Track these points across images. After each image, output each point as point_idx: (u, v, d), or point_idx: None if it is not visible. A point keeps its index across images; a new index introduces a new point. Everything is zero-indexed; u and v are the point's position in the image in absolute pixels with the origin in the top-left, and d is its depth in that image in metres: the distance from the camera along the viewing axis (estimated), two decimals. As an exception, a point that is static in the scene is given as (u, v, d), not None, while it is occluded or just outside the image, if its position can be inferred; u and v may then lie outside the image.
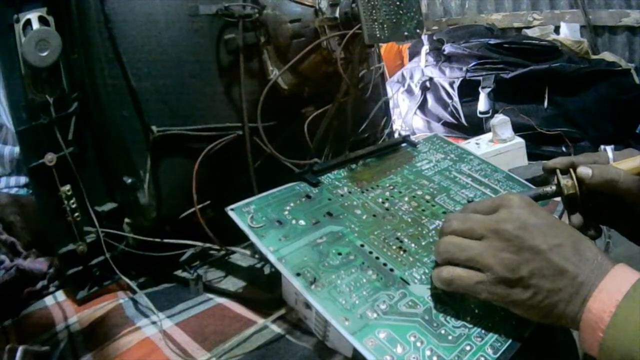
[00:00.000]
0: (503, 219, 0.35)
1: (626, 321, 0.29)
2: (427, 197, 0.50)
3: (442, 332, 0.35)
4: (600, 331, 0.30)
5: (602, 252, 0.34)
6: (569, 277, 0.32)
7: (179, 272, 0.55)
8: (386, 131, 0.80)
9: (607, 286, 0.31)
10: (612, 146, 0.44)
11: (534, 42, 1.17)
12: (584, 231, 0.41)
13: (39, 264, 0.55)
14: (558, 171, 0.42)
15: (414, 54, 1.34)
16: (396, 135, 0.91)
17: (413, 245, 0.43)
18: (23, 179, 0.79)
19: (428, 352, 0.33)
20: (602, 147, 0.44)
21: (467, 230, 0.36)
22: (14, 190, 0.77)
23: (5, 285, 0.51)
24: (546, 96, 1.01)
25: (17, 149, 0.78)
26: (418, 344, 0.33)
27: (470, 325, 0.36)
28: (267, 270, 0.51)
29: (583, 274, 0.32)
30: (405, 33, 0.50)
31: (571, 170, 0.41)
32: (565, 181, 0.41)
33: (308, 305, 0.39)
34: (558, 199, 0.43)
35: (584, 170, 0.39)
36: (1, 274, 0.51)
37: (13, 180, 0.79)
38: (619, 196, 0.39)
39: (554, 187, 0.42)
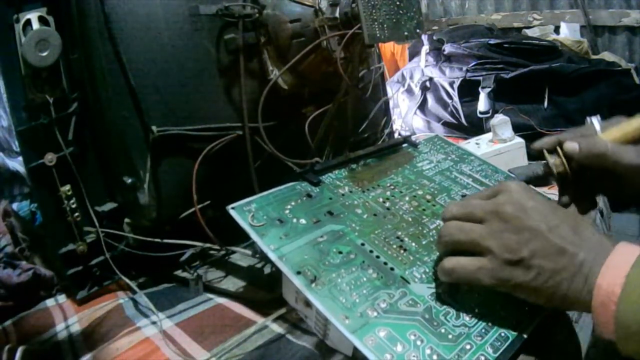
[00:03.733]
0: (502, 202, 0.35)
1: (638, 289, 0.29)
2: (428, 197, 0.50)
3: (442, 330, 0.35)
4: (613, 304, 0.30)
5: (600, 232, 0.34)
6: (569, 256, 0.32)
7: (179, 272, 0.55)
8: (386, 131, 0.80)
9: (613, 262, 0.31)
10: (598, 116, 0.44)
11: (534, 42, 1.17)
12: (578, 206, 0.42)
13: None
14: (545, 151, 0.42)
15: (414, 54, 1.34)
16: (396, 135, 0.91)
17: (413, 244, 0.43)
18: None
19: (428, 351, 0.33)
20: (588, 118, 0.44)
21: (467, 214, 0.37)
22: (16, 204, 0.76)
23: (22, 286, 0.52)
24: (546, 96, 1.00)
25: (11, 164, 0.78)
26: (418, 342, 0.33)
27: (471, 324, 0.36)
28: (267, 270, 0.51)
29: (582, 252, 0.32)
30: (405, 33, 0.50)
31: (558, 148, 0.41)
32: (553, 160, 0.41)
33: (308, 304, 0.39)
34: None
35: (570, 145, 0.40)
36: (17, 273, 0.52)
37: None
38: (610, 168, 0.39)
39: (542, 168, 0.42)
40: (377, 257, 0.40)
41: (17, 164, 0.78)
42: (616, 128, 0.41)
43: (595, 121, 0.43)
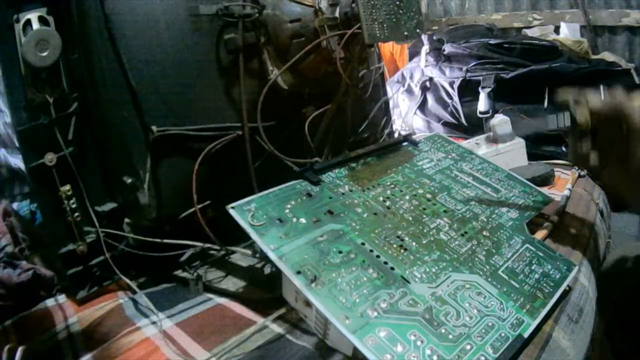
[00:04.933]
0: None
1: None
2: (428, 196, 0.50)
3: (443, 331, 0.35)
4: None
5: None
6: None
7: (179, 272, 0.55)
8: (386, 131, 0.80)
9: None
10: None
11: (534, 42, 1.17)
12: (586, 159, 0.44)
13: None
14: (570, 100, 0.44)
15: (414, 54, 1.34)
16: (396, 135, 0.91)
17: (414, 243, 0.43)
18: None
19: (428, 351, 0.33)
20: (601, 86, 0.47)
21: None
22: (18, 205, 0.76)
23: (22, 286, 0.52)
24: (546, 96, 1.00)
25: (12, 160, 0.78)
26: (418, 342, 0.33)
27: (471, 325, 0.36)
28: (267, 270, 0.51)
29: None
30: (405, 33, 0.50)
31: (582, 98, 0.43)
32: (579, 109, 0.43)
33: (308, 304, 0.39)
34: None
35: (594, 97, 0.43)
36: (17, 273, 0.52)
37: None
38: (625, 119, 0.41)
39: (565, 119, 0.45)
40: (378, 256, 0.40)
41: (19, 161, 0.78)
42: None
43: (602, 89, 0.45)
